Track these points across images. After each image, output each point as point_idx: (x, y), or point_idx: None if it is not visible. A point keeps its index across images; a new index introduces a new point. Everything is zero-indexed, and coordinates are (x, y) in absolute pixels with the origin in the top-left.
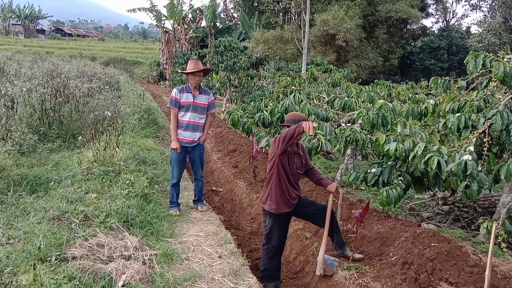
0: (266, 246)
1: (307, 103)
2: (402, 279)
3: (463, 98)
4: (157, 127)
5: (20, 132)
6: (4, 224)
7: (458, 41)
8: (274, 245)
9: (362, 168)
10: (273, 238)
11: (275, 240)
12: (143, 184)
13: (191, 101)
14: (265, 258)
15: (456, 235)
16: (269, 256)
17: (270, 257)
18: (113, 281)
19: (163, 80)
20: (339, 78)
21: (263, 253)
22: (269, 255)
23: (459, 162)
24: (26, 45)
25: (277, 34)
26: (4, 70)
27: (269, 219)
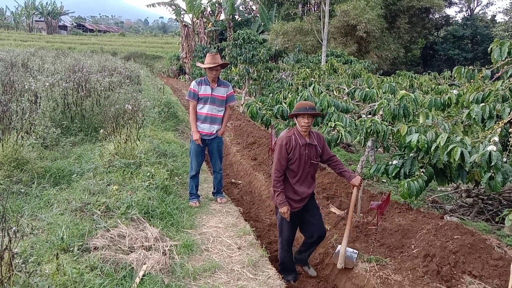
0: (279, 239)
1: (326, 94)
2: (424, 272)
3: (487, 88)
4: (177, 120)
5: (43, 126)
6: (29, 215)
7: (483, 30)
8: (285, 238)
9: (383, 160)
10: (284, 232)
11: (286, 234)
12: (163, 176)
13: (209, 93)
14: (280, 252)
15: (480, 228)
16: (284, 249)
17: (284, 250)
18: (134, 271)
19: (182, 74)
20: (359, 69)
21: (279, 246)
22: (283, 248)
23: (483, 152)
24: (49, 41)
25: (297, 25)
26: (28, 66)
27: (279, 213)
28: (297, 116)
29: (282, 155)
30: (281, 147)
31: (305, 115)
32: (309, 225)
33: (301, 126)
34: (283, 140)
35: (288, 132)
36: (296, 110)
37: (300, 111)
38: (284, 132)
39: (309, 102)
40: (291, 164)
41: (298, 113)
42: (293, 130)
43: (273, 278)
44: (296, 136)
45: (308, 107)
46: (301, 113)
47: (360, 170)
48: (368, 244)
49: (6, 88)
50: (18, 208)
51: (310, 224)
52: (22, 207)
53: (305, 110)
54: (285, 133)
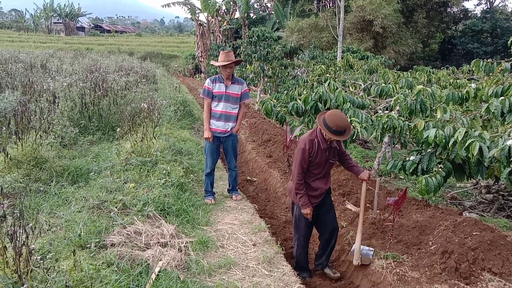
0: (295, 236)
1: (341, 90)
2: (442, 269)
3: (507, 81)
4: (192, 118)
5: (61, 125)
6: (47, 213)
7: (503, 23)
8: (302, 234)
9: (400, 156)
10: (300, 228)
11: (302, 230)
12: (179, 173)
13: (223, 91)
14: (296, 249)
15: (501, 224)
16: (300, 246)
17: (300, 246)
18: (150, 267)
19: (198, 73)
20: (376, 65)
21: (295, 243)
22: (299, 245)
23: (503, 147)
24: (67, 42)
25: (312, 22)
26: (46, 67)
27: (296, 208)
28: (327, 128)
29: (304, 158)
30: (304, 151)
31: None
32: (324, 221)
33: (327, 137)
34: (306, 144)
35: (311, 135)
36: (330, 129)
37: (333, 133)
38: (306, 135)
39: (345, 120)
40: (311, 166)
41: (326, 133)
42: (315, 133)
43: (288, 275)
44: (319, 140)
45: (343, 130)
46: (334, 135)
47: (377, 166)
48: (385, 241)
49: (25, 89)
50: (37, 205)
51: (324, 221)
52: (40, 204)
53: (338, 133)
54: (308, 136)
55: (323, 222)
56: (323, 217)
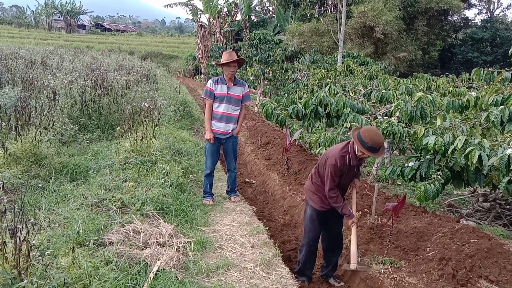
0: (304, 240)
1: (342, 95)
2: (439, 275)
3: (507, 90)
4: (192, 119)
5: (61, 123)
6: (46, 210)
7: (503, 33)
8: (312, 238)
9: (399, 163)
10: (315, 227)
11: (316, 231)
12: (178, 174)
13: (225, 92)
14: (304, 254)
15: (497, 232)
16: (310, 250)
17: (310, 251)
18: (148, 266)
19: (198, 74)
20: (376, 71)
21: (303, 248)
22: (309, 248)
23: (502, 156)
24: (68, 40)
25: (313, 26)
26: (47, 64)
27: (309, 209)
28: (362, 144)
29: (336, 174)
30: (335, 167)
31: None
32: (332, 227)
33: (358, 155)
34: (337, 160)
35: (342, 150)
36: (364, 145)
37: (367, 149)
38: (336, 150)
39: (381, 136)
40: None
41: (363, 150)
42: (347, 149)
43: (286, 278)
44: (350, 157)
45: (379, 147)
46: (369, 151)
47: (376, 172)
48: (383, 246)
49: (25, 85)
50: (36, 202)
51: (333, 226)
52: (39, 201)
53: (373, 150)
54: (339, 151)
55: (332, 228)
56: (332, 224)
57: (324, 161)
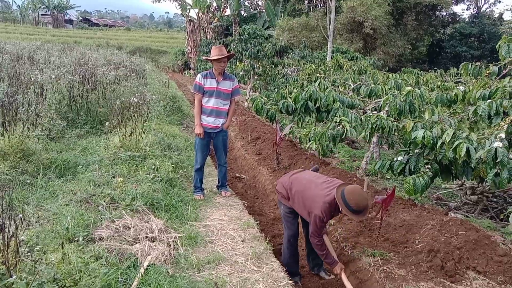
0: (285, 238)
1: (332, 90)
2: (428, 267)
3: (494, 85)
4: (181, 114)
5: (49, 118)
6: (34, 206)
7: (490, 28)
8: (291, 234)
9: (388, 157)
10: (290, 227)
11: (294, 227)
12: (168, 169)
13: (214, 87)
14: (287, 251)
15: (485, 225)
16: (292, 246)
17: (292, 247)
18: (138, 262)
19: (187, 69)
20: (365, 66)
21: (285, 246)
22: (292, 245)
23: (489, 149)
24: (55, 35)
25: (303, 21)
26: (34, 59)
27: (283, 208)
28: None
29: (322, 226)
30: (322, 221)
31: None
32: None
33: (341, 211)
34: (325, 215)
35: (331, 204)
36: (350, 208)
37: (352, 212)
38: (325, 203)
39: (366, 199)
40: None
41: (346, 213)
42: (333, 204)
43: (277, 271)
44: (334, 210)
45: (363, 210)
46: (353, 214)
47: (365, 166)
48: (372, 239)
49: (12, 80)
50: (24, 198)
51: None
52: (27, 197)
53: (357, 213)
54: (327, 204)
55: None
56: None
57: (309, 202)
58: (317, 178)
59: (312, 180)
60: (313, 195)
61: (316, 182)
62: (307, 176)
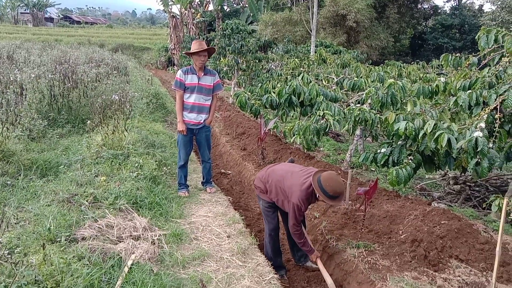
0: (266, 233)
1: (315, 84)
2: (412, 257)
3: (474, 75)
4: (165, 111)
5: (29, 118)
6: (15, 207)
7: (471, 20)
8: (272, 227)
9: (372, 149)
10: (270, 221)
11: (274, 221)
12: (151, 166)
13: (196, 82)
14: (269, 245)
15: (467, 214)
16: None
17: (273, 240)
18: (122, 261)
19: (171, 65)
20: (348, 59)
21: (266, 240)
22: (273, 239)
23: (470, 138)
24: (35, 33)
25: (286, 16)
26: (13, 58)
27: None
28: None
29: (300, 214)
30: (301, 209)
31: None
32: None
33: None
34: (303, 204)
35: (308, 191)
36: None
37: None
38: (302, 191)
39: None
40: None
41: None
42: (311, 193)
43: (262, 265)
44: (312, 198)
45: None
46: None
47: (349, 158)
48: (357, 231)
49: None
50: (4, 200)
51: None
52: (8, 198)
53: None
54: (305, 192)
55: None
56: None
57: (287, 190)
58: (293, 168)
59: (288, 170)
60: (290, 184)
61: (292, 171)
62: (283, 167)
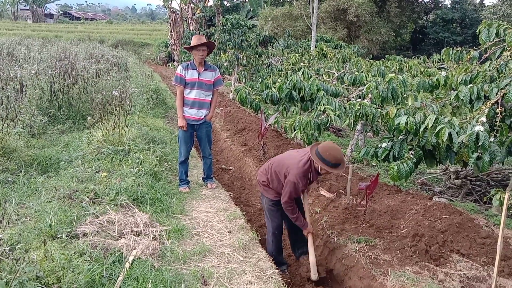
0: (269, 231)
1: (316, 79)
2: (413, 251)
3: (475, 69)
4: (166, 107)
5: (30, 114)
6: (16, 203)
7: (472, 14)
8: (275, 226)
9: (373, 144)
10: (274, 220)
11: (276, 222)
12: (152, 162)
13: (196, 78)
14: (272, 243)
15: (468, 208)
16: (276, 239)
17: (276, 239)
18: (123, 256)
19: (171, 61)
20: (349, 54)
21: (269, 238)
22: (276, 238)
23: (471, 133)
24: (35, 29)
25: (286, 10)
26: (13, 55)
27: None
28: (323, 161)
29: (296, 191)
30: (297, 186)
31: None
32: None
33: (321, 171)
34: (300, 180)
35: (304, 168)
36: (328, 163)
37: (331, 167)
38: (300, 167)
39: (340, 151)
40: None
41: (323, 167)
42: (309, 168)
43: (263, 260)
44: (312, 173)
45: (340, 162)
46: (332, 168)
47: (350, 153)
48: (358, 225)
49: None
50: (5, 196)
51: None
52: (9, 195)
53: (336, 166)
54: (302, 168)
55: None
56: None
57: (284, 171)
58: (291, 152)
59: (286, 154)
60: (287, 164)
61: (290, 154)
62: (282, 154)
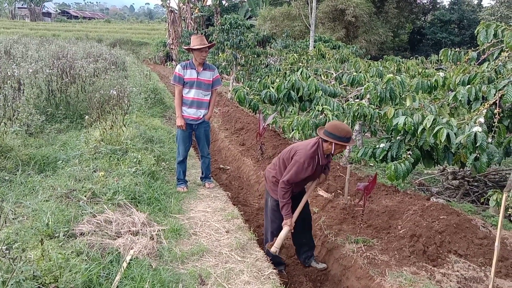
0: (268, 231)
1: (314, 79)
2: (410, 252)
3: (473, 70)
4: (164, 106)
5: (27, 113)
6: (13, 202)
7: (470, 15)
8: (276, 227)
9: (370, 144)
10: (276, 218)
11: (278, 221)
12: (150, 162)
13: (195, 77)
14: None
15: (466, 209)
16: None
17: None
18: (121, 256)
19: (169, 60)
20: (347, 54)
21: (267, 239)
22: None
23: (469, 133)
24: (33, 28)
25: (284, 10)
26: (11, 53)
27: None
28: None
29: (299, 172)
30: (302, 166)
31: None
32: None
33: (326, 150)
34: (306, 161)
35: (312, 150)
36: (342, 139)
37: (346, 141)
38: (307, 150)
39: (346, 127)
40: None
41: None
42: (316, 149)
43: (261, 260)
44: (320, 157)
45: (351, 136)
46: (338, 142)
47: (348, 154)
48: (355, 226)
49: None
50: (2, 195)
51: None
52: (6, 194)
53: (349, 140)
54: (309, 150)
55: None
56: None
57: (292, 154)
58: (299, 142)
59: (295, 144)
60: (295, 147)
61: (299, 143)
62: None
